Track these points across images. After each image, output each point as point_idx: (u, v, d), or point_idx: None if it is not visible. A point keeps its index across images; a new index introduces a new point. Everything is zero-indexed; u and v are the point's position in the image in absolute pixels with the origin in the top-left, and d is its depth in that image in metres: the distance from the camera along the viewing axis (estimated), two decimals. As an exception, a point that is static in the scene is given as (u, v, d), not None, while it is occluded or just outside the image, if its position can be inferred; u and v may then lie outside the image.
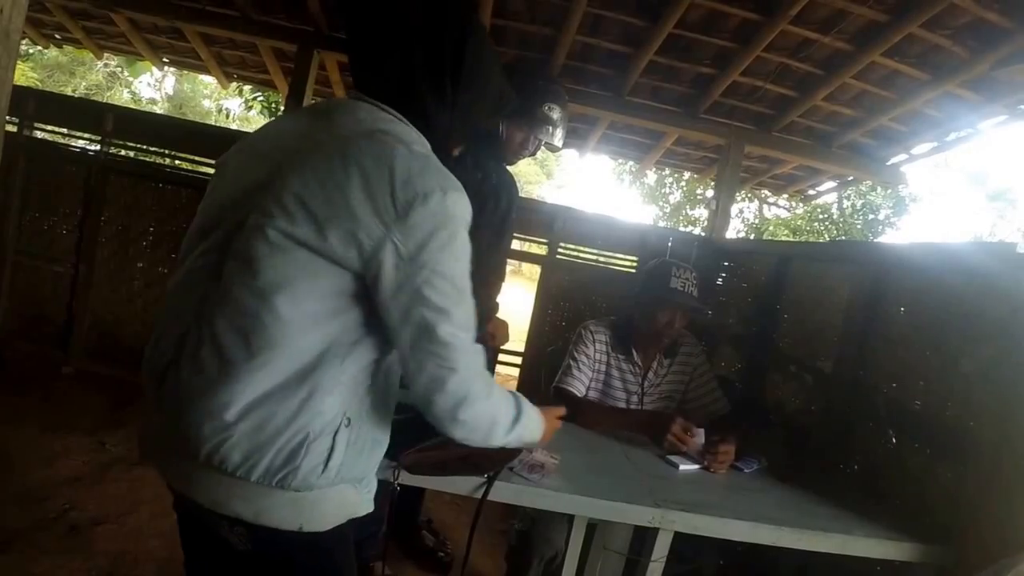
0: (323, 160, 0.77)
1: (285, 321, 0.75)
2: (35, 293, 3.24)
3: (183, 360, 0.80)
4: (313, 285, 0.76)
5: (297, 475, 0.78)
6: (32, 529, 1.86)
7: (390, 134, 0.82)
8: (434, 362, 0.79)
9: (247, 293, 0.76)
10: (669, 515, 1.17)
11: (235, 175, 0.86)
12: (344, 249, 0.75)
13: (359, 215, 0.74)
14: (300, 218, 0.75)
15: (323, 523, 0.85)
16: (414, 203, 0.75)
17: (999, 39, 2.33)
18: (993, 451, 1.23)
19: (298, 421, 0.77)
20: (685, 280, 1.74)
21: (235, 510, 0.80)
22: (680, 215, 11.53)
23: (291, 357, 0.77)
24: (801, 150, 3.61)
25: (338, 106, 0.87)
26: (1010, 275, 1.29)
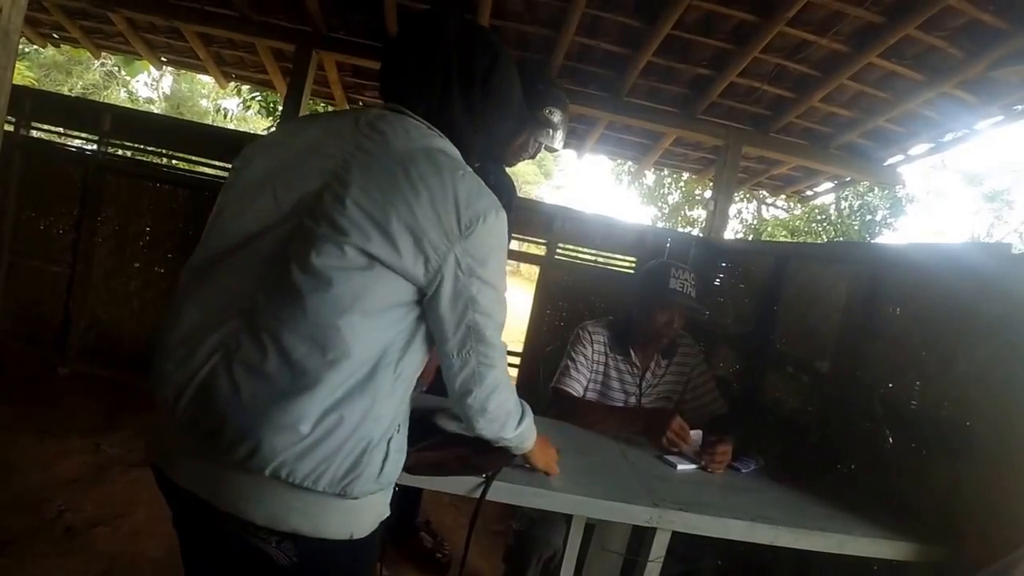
0: (387, 176, 0.81)
1: (358, 332, 0.78)
2: (31, 294, 3.22)
3: (234, 372, 0.77)
4: (382, 297, 0.80)
5: (359, 482, 0.79)
6: (29, 532, 1.85)
7: (445, 154, 0.87)
8: (478, 359, 0.87)
9: (323, 306, 0.76)
10: (667, 515, 1.17)
11: (274, 180, 0.84)
12: (414, 264, 0.80)
13: (428, 233, 0.80)
14: (375, 236, 0.78)
15: (367, 529, 0.87)
16: (476, 222, 0.83)
17: (995, 40, 2.35)
18: (988, 450, 1.24)
19: (362, 429, 0.79)
20: (684, 281, 1.75)
21: (293, 525, 0.79)
22: (679, 216, 11.54)
23: (359, 366, 0.79)
24: (798, 151, 3.62)
25: (383, 118, 0.88)
26: (1005, 275, 1.29)
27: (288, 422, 0.75)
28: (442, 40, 0.90)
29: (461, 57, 0.91)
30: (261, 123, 8.71)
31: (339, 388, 0.77)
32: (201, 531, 0.90)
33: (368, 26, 3.18)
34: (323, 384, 0.76)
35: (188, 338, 0.80)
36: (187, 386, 0.78)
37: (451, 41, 0.91)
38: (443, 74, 0.90)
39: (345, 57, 3.45)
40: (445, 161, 0.85)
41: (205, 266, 0.84)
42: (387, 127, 0.86)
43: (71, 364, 3.20)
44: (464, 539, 1.19)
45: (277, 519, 0.79)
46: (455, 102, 0.91)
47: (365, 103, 4.53)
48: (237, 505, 0.79)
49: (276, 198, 0.83)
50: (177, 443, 0.83)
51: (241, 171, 0.88)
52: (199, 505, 0.81)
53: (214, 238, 0.86)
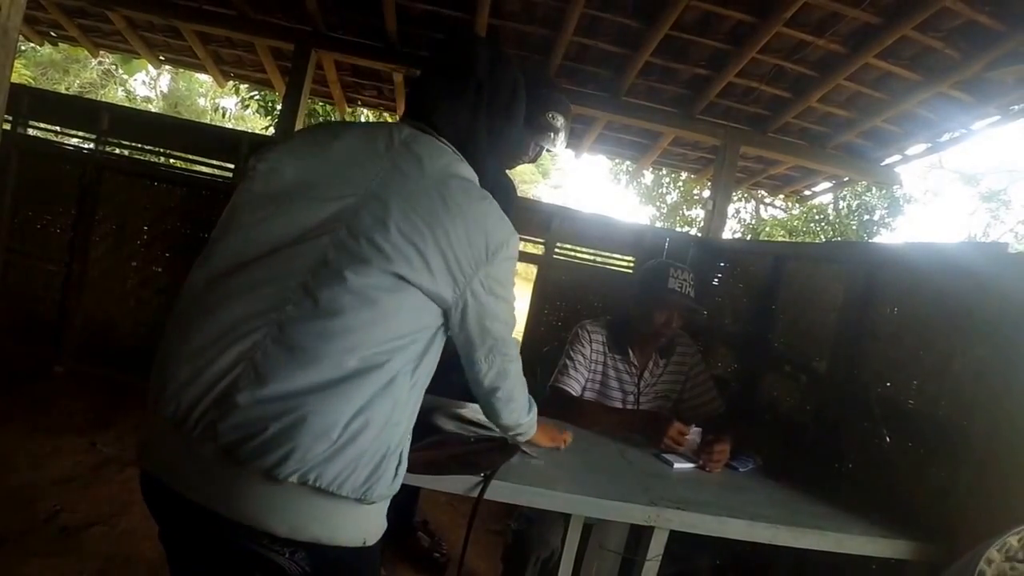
0: (426, 201, 0.85)
1: (393, 343, 0.82)
2: (27, 292, 3.22)
3: (262, 382, 0.76)
4: (411, 313, 0.84)
5: (377, 487, 0.81)
6: (23, 531, 1.84)
7: (472, 182, 0.94)
8: (502, 358, 0.98)
9: (356, 321, 0.79)
10: (664, 514, 1.17)
11: (310, 191, 0.84)
12: (445, 287, 0.85)
13: (461, 259, 0.86)
14: (416, 262, 0.82)
15: (376, 535, 0.89)
16: (500, 249, 0.90)
17: (991, 41, 2.35)
18: (984, 449, 1.24)
19: (384, 434, 0.82)
20: (682, 281, 1.75)
21: (313, 534, 0.79)
22: (677, 215, 11.55)
23: (383, 375, 0.81)
24: (796, 151, 3.63)
25: (416, 139, 0.91)
26: (1001, 275, 1.29)
27: (320, 428, 0.76)
28: (477, 68, 0.96)
29: (491, 86, 0.97)
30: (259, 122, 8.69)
31: (366, 395, 0.79)
32: (200, 544, 0.86)
33: (367, 26, 3.18)
34: (352, 391, 0.78)
35: (207, 348, 0.78)
36: (204, 397, 0.77)
37: (484, 69, 0.97)
38: (474, 101, 0.96)
39: (344, 56, 3.44)
40: (474, 190, 0.92)
41: (225, 274, 0.82)
42: (421, 149, 0.90)
43: (67, 363, 3.19)
44: (462, 538, 1.19)
45: (298, 529, 0.79)
46: (481, 128, 0.97)
47: (363, 103, 4.52)
48: (257, 517, 0.77)
49: (311, 209, 0.83)
50: (185, 454, 0.79)
51: (268, 177, 0.86)
52: (206, 518, 0.78)
53: (237, 245, 0.83)
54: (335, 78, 3.92)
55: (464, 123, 0.96)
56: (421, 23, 3.07)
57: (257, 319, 0.78)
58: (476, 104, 0.96)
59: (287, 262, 0.80)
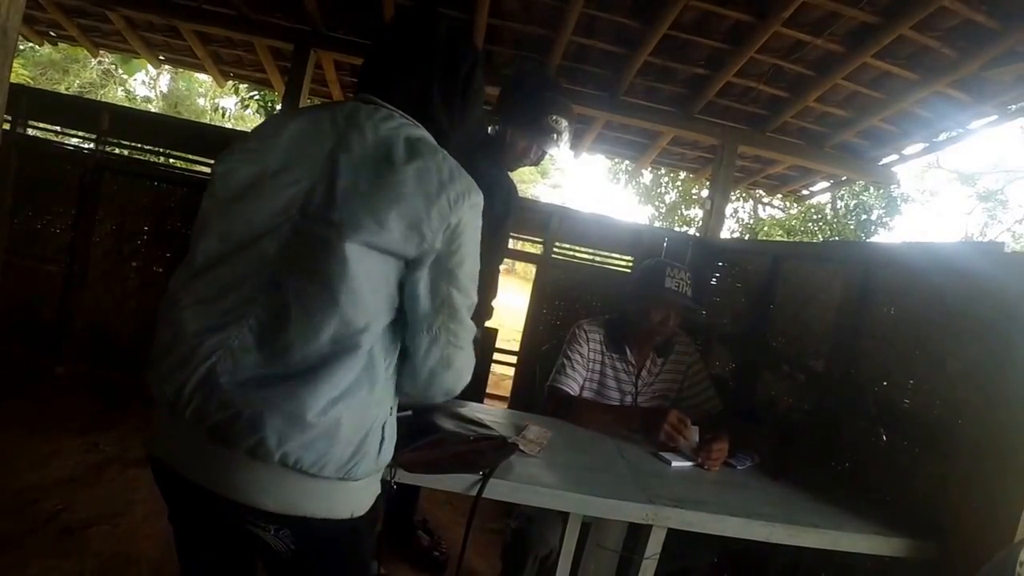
0: (372, 167, 0.84)
1: (365, 321, 0.81)
2: (27, 293, 3.21)
3: (239, 367, 0.79)
4: (379, 280, 0.83)
5: (361, 465, 0.83)
6: (25, 531, 1.85)
7: (422, 140, 0.89)
8: (448, 339, 0.87)
9: (324, 302, 0.79)
10: (663, 512, 1.18)
11: (263, 185, 0.85)
12: (409, 244, 0.83)
13: (422, 215, 0.83)
14: (370, 225, 0.80)
15: (366, 506, 0.90)
16: (460, 201, 0.86)
17: (988, 40, 2.36)
18: (978, 448, 1.25)
19: (365, 416, 0.83)
20: (680, 280, 1.76)
21: (306, 509, 0.82)
22: (676, 215, 11.55)
23: (362, 354, 0.81)
24: (794, 150, 3.64)
25: (358, 110, 0.90)
26: (997, 275, 1.30)
27: (294, 412, 0.77)
28: (430, 37, 0.94)
29: (447, 56, 0.95)
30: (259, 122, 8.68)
31: (344, 378, 0.80)
32: (201, 523, 0.93)
33: (366, 25, 3.18)
34: (328, 375, 0.79)
35: (190, 336, 0.81)
36: (187, 382, 0.80)
37: (439, 39, 0.94)
38: (426, 67, 0.93)
39: (343, 56, 3.44)
40: (423, 146, 0.88)
41: (202, 269, 0.86)
42: (364, 119, 0.89)
43: (68, 363, 3.19)
44: (460, 536, 1.19)
45: (289, 505, 0.81)
46: (434, 96, 0.94)
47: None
48: (248, 494, 0.80)
49: (267, 202, 0.84)
50: (181, 436, 0.84)
51: (226, 178, 0.87)
52: (204, 496, 0.82)
53: (210, 246, 0.86)
54: (334, 78, 3.93)
55: (415, 91, 0.93)
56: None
57: (234, 311, 0.82)
58: (428, 73, 0.93)
59: (254, 257, 0.83)
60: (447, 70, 0.95)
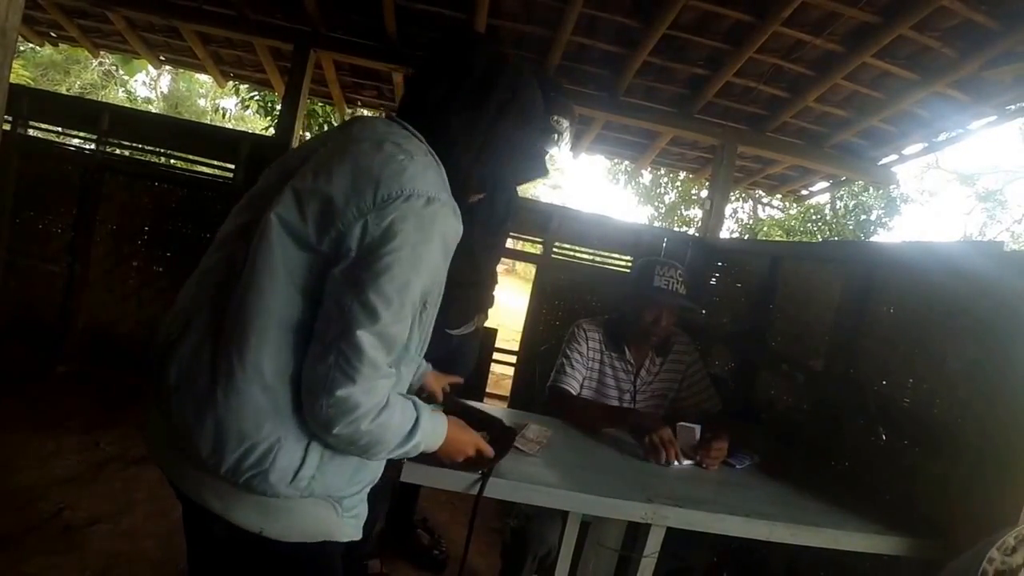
0: (325, 156, 0.83)
1: (267, 313, 0.76)
2: (29, 293, 3.22)
3: (183, 345, 0.82)
4: (294, 275, 0.78)
5: (266, 479, 0.78)
6: (26, 529, 1.85)
7: (399, 145, 0.84)
8: (337, 360, 0.73)
9: (245, 283, 0.78)
10: (662, 511, 1.19)
11: (269, 176, 0.90)
12: (318, 230, 0.77)
13: (337, 200, 0.77)
14: (288, 201, 0.79)
15: (287, 534, 0.83)
16: (395, 198, 0.77)
17: (987, 40, 2.36)
18: (978, 447, 1.25)
19: (269, 424, 0.77)
20: (670, 278, 1.75)
21: (205, 499, 0.82)
22: (675, 215, 11.56)
23: (270, 354, 0.76)
24: (793, 150, 3.64)
25: (359, 119, 0.92)
26: (996, 274, 1.30)
27: (197, 398, 0.78)
28: (464, 58, 0.91)
29: (481, 77, 0.90)
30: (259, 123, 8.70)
31: (248, 377, 0.76)
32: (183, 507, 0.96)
33: (366, 26, 3.19)
34: (232, 367, 0.76)
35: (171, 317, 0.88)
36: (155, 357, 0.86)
37: (473, 59, 0.90)
38: (450, 86, 0.90)
39: (343, 56, 3.45)
40: (388, 146, 0.82)
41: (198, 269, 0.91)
42: (357, 125, 0.89)
43: (69, 363, 3.20)
44: (461, 536, 1.20)
45: (195, 490, 0.82)
46: (454, 113, 0.89)
47: (363, 103, 4.53)
48: (168, 470, 0.86)
49: (255, 195, 0.88)
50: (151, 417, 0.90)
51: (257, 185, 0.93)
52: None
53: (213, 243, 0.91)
54: (334, 78, 3.93)
55: (432, 110, 0.90)
56: (420, 23, 3.08)
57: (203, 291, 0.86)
58: (450, 95, 0.89)
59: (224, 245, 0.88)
60: (475, 95, 0.89)
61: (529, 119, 0.95)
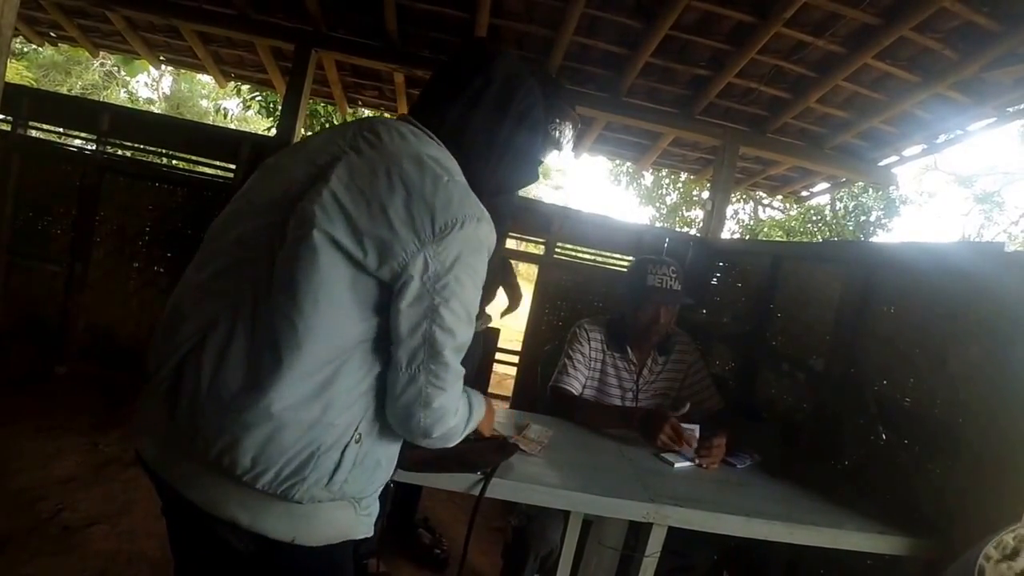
0: (368, 172, 0.81)
1: (313, 329, 0.76)
2: (29, 293, 3.21)
3: (205, 355, 0.79)
4: (343, 293, 0.78)
5: (302, 487, 0.78)
6: (25, 530, 1.85)
7: (437, 161, 0.85)
8: (427, 378, 0.81)
9: (285, 298, 0.77)
10: (663, 510, 1.19)
11: (277, 176, 0.88)
12: (378, 260, 0.78)
13: (398, 230, 0.78)
14: (340, 225, 0.77)
15: (316, 538, 0.83)
16: (452, 226, 0.79)
17: (988, 42, 2.37)
18: (978, 447, 1.25)
19: (311, 433, 0.78)
20: (663, 276, 1.76)
21: (232, 514, 0.79)
22: (676, 216, 11.57)
23: (314, 367, 0.77)
24: (795, 151, 3.64)
25: (383, 122, 0.90)
26: (997, 275, 1.30)
27: (235, 410, 0.76)
28: (485, 69, 0.92)
29: (500, 89, 0.92)
30: (261, 123, 8.70)
31: (290, 388, 0.76)
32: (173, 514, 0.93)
33: (368, 25, 3.19)
34: (273, 379, 0.75)
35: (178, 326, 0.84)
36: (162, 365, 0.83)
37: (494, 72, 0.92)
38: (472, 96, 0.91)
39: (345, 56, 3.45)
40: (431, 165, 0.83)
41: (209, 258, 0.87)
42: (384, 130, 0.87)
43: (69, 363, 3.20)
44: (461, 534, 1.20)
45: (215, 504, 0.79)
46: (475, 124, 0.92)
47: (364, 103, 4.53)
48: (189, 488, 0.81)
49: (271, 193, 0.86)
50: (153, 425, 0.85)
51: (262, 170, 0.92)
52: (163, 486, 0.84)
53: (218, 233, 0.88)
54: (336, 78, 3.93)
55: (456, 117, 0.91)
56: (422, 23, 3.08)
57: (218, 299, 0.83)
58: (474, 102, 0.91)
59: (246, 248, 0.83)
60: (497, 103, 0.92)
61: (535, 130, 0.99)
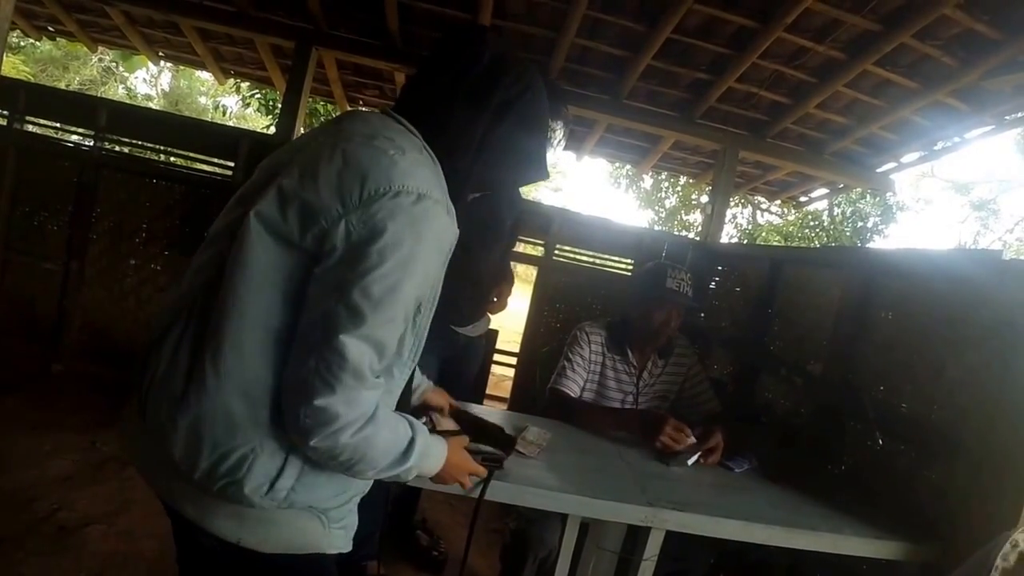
0: (314, 151, 0.79)
1: (246, 315, 0.73)
2: (25, 291, 3.19)
3: (166, 344, 0.79)
4: (275, 274, 0.74)
5: (241, 489, 0.74)
6: (21, 530, 1.84)
7: (392, 140, 0.80)
8: (316, 365, 0.69)
9: (227, 287, 0.75)
10: (661, 514, 1.18)
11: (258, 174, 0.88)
12: (300, 227, 0.73)
13: (322, 194, 0.73)
14: (270, 198, 0.75)
15: (269, 545, 0.79)
16: (383, 194, 0.72)
17: (988, 50, 2.38)
18: (976, 453, 1.26)
19: (242, 433, 0.73)
20: (680, 280, 1.78)
21: (181, 507, 0.79)
22: (675, 220, 11.61)
23: (248, 361, 0.73)
24: (794, 156, 3.66)
25: (353, 113, 0.88)
26: (995, 283, 1.31)
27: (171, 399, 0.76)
28: (465, 58, 0.86)
29: (484, 77, 0.86)
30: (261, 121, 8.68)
31: (222, 381, 0.73)
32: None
33: (369, 24, 3.18)
34: (206, 368, 0.73)
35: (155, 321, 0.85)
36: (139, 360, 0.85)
37: (473, 60, 0.86)
38: (449, 84, 0.86)
39: (345, 55, 3.44)
40: (380, 143, 0.78)
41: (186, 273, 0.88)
42: (348, 118, 0.85)
43: (66, 361, 3.17)
44: (460, 537, 1.19)
45: (173, 498, 0.80)
46: (451, 114, 0.85)
47: (365, 102, 4.52)
48: (151, 478, 0.83)
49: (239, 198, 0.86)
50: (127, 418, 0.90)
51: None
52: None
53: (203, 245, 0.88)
54: (336, 77, 3.92)
55: (438, 105, 0.86)
56: (423, 22, 3.08)
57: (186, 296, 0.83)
58: (454, 88, 0.86)
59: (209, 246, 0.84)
60: (479, 90, 0.85)
61: (531, 121, 0.91)
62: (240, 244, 0.74)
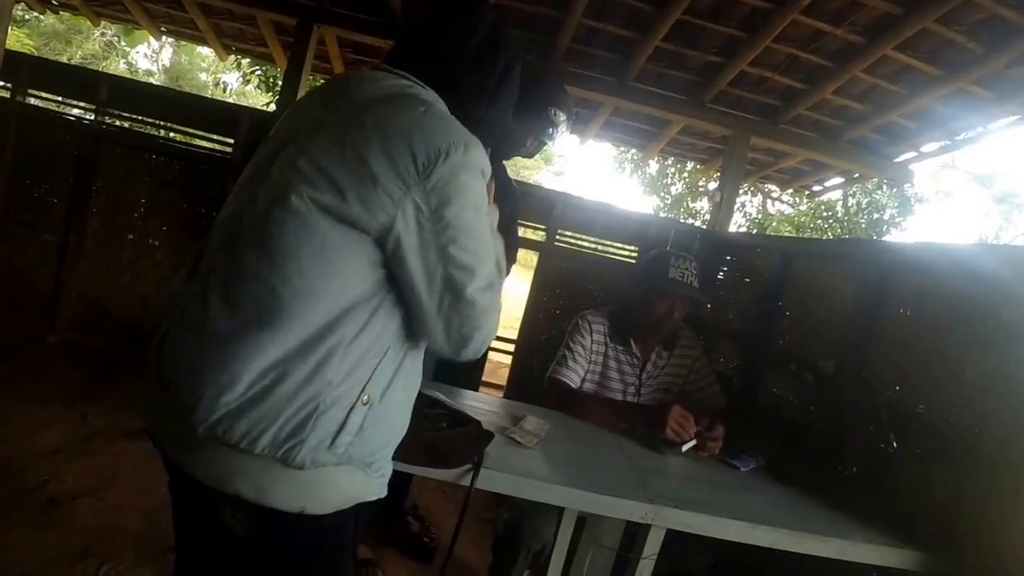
0: (340, 123, 0.78)
1: (299, 289, 0.74)
2: (22, 261, 3.18)
3: (184, 327, 0.79)
4: (332, 251, 0.75)
5: (302, 448, 0.73)
6: (10, 501, 1.82)
7: (412, 96, 0.82)
8: (461, 320, 0.79)
9: (263, 261, 0.75)
10: (662, 512, 1.14)
11: (260, 151, 0.87)
12: (365, 212, 0.74)
13: (379, 177, 0.74)
14: (321, 183, 0.74)
15: (326, 506, 0.80)
16: (436, 161, 0.75)
17: (1015, 37, 2.28)
18: (994, 460, 1.20)
19: (307, 391, 0.74)
20: (684, 270, 1.72)
21: (236, 488, 0.75)
22: (681, 207, 11.46)
23: (304, 325, 0.74)
24: (808, 144, 3.55)
25: (356, 75, 0.87)
26: (1020, 280, 1.24)
27: (221, 378, 0.73)
28: (471, 20, 0.90)
29: (486, 41, 0.90)
30: (261, 98, 8.59)
31: (278, 347, 0.73)
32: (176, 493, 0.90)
33: (371, 2, 3.10)
34: (258, 341, 0.73)
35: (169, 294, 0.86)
36: (155, 335, 0.83)
37: (481, 24, 0.90)
38: (459, 46, 0.89)
39: (346, 32, 3.36)
40: (406, 101, 0.80)
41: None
42: (355, 82, 0.85)
43: (61, 333, 3.16)
44: (450, 523, 1.16)
45: (219, 479, 0.75)
46: (464, 75, 0.89)
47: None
48: (183, 457, 0.78)
49: (250, 170, 0.85)
50: (152, 396, 0.84)
51: None
52: (165, 457, 0.83)
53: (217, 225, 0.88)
54: (337, 54, 3.85)
55: (444, 64, 0.88)
56: (426, 1, 2.99)
57: (203, 272, 0.82)
58: (458, 50, 0.89)
59: (229, 220, 0.83)
60: (483, 54, 0.91)
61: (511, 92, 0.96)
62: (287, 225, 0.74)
